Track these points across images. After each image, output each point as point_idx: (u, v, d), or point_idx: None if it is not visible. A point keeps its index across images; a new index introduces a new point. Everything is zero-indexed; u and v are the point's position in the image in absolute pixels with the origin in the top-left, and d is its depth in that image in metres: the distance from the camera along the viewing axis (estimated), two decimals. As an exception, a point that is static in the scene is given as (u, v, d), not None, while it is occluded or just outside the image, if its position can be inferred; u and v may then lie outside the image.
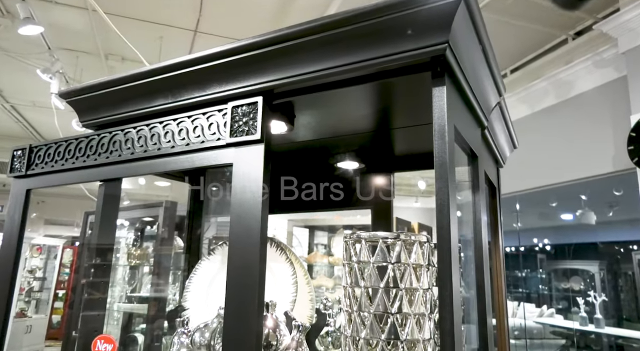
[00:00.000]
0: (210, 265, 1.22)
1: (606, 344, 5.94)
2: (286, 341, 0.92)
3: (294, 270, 1.15)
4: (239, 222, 0.84)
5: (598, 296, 5.95)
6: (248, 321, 0.80)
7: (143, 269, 3.14)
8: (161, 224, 2.71)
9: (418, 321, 0.83)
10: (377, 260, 0.85)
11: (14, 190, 1.19)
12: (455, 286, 0.75)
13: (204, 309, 1.12)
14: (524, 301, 7.08)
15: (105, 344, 0.93)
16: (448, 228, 0.71)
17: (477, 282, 1.02)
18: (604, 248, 6.80)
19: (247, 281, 0.81)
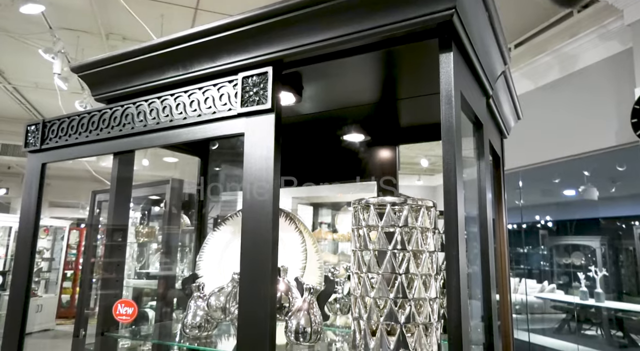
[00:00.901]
0: (222, 235, 1.25)
1: (606, 317, 6.04)
2: (298, 303, 0.96)
3: (303, 238, 1.19)
4: (251, 190, 0.87)
5: (599, 271, 6.02)
6: (262, 285, 0.84)
7: (151, 246, 3.20)
8: (168, 202, 2.75)
9: (425, 281, 0.87)
10: (385, 224, 0.88)
11: (30, 164, 1.22)
12: (462, 247, 0.79)
13: (218, 276, 1.16)
14: (525, 278, 7.17)
15: (126, 308, 0.98)
16: (455, 191, 0.74)
17: (482, 249, 1.06)
18: (605, 224, 6.85)
19: (260, 247, 0.85)
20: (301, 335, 0.93)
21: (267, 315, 0.82)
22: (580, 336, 6.21)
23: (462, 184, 0.78)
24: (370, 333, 0.87)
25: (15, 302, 1.21)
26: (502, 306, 1.34)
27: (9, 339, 1.24)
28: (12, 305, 1.23)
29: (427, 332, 0.86)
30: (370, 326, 0.87)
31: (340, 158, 1.50)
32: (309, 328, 0.93)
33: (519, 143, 3.61)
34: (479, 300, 1.11)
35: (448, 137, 0.75)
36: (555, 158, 3.87)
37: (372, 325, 0.87)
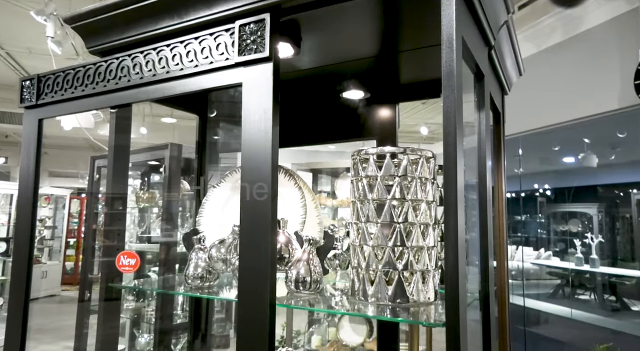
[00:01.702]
0: (222, 192, 1.26)
1: (599, 283, 6.17)
2: (298, 254, 0.98)
3: (302, 194, 1.20)
4: (250, 141, 0.86)
5: (595, 238, 6.10)
6: (263, 236, 0.85)
7: (152, 211, 3.23)
8: (167, 166, 2.75)
9: (423, 230, 0.88)
10: (384, 174, 0.88)
11: (26, 121, 1.21)
12: (460, 194, 0.79)
13: (218, 231, 1.17)
14: (522, 245, 7.27)
15: (128, 259, 0.99)
16: (454, 136, 0.73)
17: (480, 201, 1.06)
18: (603, 191, 6.89)
19: (260, 197, 0.85)
20: (301, 284, 0.95)
21: (267, 264, 0.83)
22: (574, 301, 6.35)
23: (462, 131, 0.77)
24: (369, 281, 0.88)
25: (20, 258, 1.23)
26: (499, 272, 1.36)
27: (15, 303, 1.26)
28: (16, 266, 1.25)
29: (425, 279, 0.87)
30: (369, 274, 0.88)
31: (339, 117, 1.48)
32: (309, 278, 0.95)
33: (519, 108, 3.57)
34: (476, 266, 1.12)
35: (448, 82, 0.74)
36: (556, 123, 3.85)
37: (371, 273, 0.88)
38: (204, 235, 1.06)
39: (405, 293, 0.85)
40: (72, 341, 3.51)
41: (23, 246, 1.21)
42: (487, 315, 1.08)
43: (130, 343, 3.10)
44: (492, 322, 1.13)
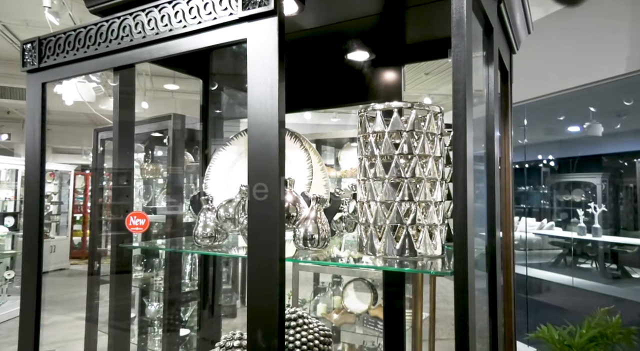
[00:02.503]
0: (228, 154, 1.26)
1: (601, 251, 6.22)
2: (305, 213, 0.98)
3: (308, 156, 1.20)
4: (257, 99, 0.85)
5: (598, 207, 6.12)
6: (271, 194, 0.85)
7: (156, 183, 3.25)
8: (171, 137, 2.75)
9: (430, 185, 0.88)
10: (391, 129, 0.87)
11: (30, 85, 1.20)
12: (469, 145, 0.78)
13: (225, 192, 1.18)
14: (525, 216, 7.31)
15: (138, 219, 1.00)
16: (464, 85, 0.72)
17: (488, 159, 1.06)
18: (608, 161, 6.86)
19: (268, 154, 0.85)
20: (309, 241, 0.96)
21: (276, 219, 0.84)
22: (576, 269, 6.42)
23: (470, 81, 0.76)
24: (377, 236, 0.89)
25: (31, 225, 1.25)
26: (505, 242, 1.37)
27: (28, 277, 1.28)
28: (28, 234, 1.27)
29: (432, 234, 0.88)
30: (377, 230, 0.89)
31: (344, 80, 1.46)
32: (317, 235, 0.96)
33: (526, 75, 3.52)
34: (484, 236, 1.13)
35: (458, 31, 0.72)
36: (563, 90, 3.79)
37: (379, 228, 0.89)
38: (211, 195, 1.06)
39: (412, 248, 0.85)
40: (84, 312, 3.60)
41: (34, 210, 1.23)
42: (493, 284, 1.11)
43: (140, 311, 3.18)
44: (498, 291, 1.15)
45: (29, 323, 1.26)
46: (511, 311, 1.34)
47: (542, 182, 7.67)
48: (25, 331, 1.26)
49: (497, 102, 1.14)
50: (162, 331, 3.00)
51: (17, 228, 5.45)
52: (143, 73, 7.02)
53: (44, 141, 1.23)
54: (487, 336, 1.16)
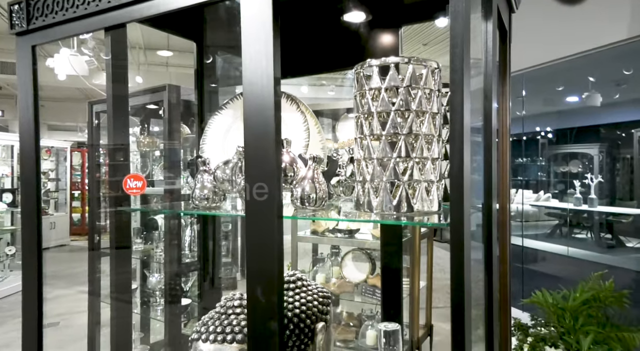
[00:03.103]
0: (224, 118, 1.25)
1: (597, 222, 6.29)
2: (302, 173, 0.98)
3: (305, 118, 1.19)
4: (251, 56, 0.84)
5: (594, 178, 6.15)
6: (268, 154, 0.85)
7: (153, 155, 3.23)
8: (166, 109, 2.72)
9: (427, 141, 0.88)
10: (388, 85, 0.86)
11: (19, 48, 1.18)
12: (467, 103, 0.77)
13: (222, 155, 1.17)
14: (522, 188, 7.34)
15: (135, 182, 1.00)
16: (462, 37, 0.71)
17: (485, 119, 1.05)
18: (605, 132, 6.86)
19: (263, 113, 0.84)
20: (307, 201, 0.96)
21: (273, 177, 0.84)
22: (571, 239, 6.50)
23: (468, 35, 0.74)
24: (374, 193, 0.89)
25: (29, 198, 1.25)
26: (502, 213, 1.38)
27: (29, 252, 1.29)
28: (26, 209, 1.27)
29: (429, 191, 0.88)
30: (374, 187, 0.89)
31: (340, 43, 1.44)
32: (314, 195, 0.96)
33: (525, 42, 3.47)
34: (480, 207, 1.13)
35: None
36: (562, 58, 3.75)
37: (376, 185, 0.89)
38: (208, 157, 1.06)
39: (409, 204, 0.86)
40: (86, 286, 3.64)
41: (31, 184, 1.23)
42: (489, 254, 1.12)
43: (141, 282, 3.22)
44: (494, 261, 1.17)
45: (32, 296, 1.27)
46: (507, 281, 1.37)
47: (540, 154, 7.68)
48: (29, 304, 1.28)
49: (496, 61, 1.13)
50: (163, 301, 3.05)
51: (15, 205, 5.46)
52: (136, 46, 6.90)
53: (37, 106, 1.21)
54: (483, 303, 1.18)
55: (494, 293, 1.18)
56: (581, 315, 2.43)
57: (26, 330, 1.26)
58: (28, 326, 1.26)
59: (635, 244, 5.68)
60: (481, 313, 1.20)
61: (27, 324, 1.26)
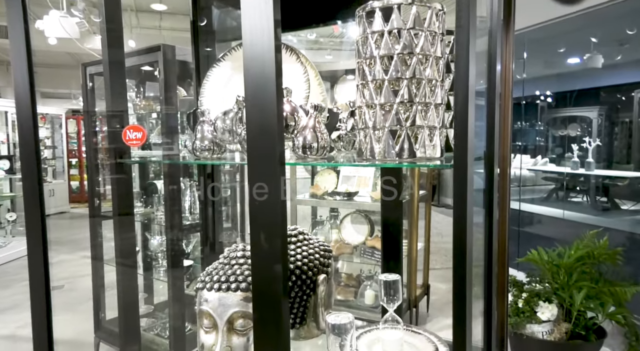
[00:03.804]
0: (222, 70, 1.23)
1: (593, 185, 6.34)
2: (303, 122, 0.97)
3: (305, 69, 1.17)
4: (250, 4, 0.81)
5: (593, 142, 6.15)
6: (269, 100, 0.83)
7: (150, 118, 3.20)
8: (162, 70, 2.67)
9: (431, 86, 0.87)
10: (391, 27, 0.84)
11: (9, 5, 1.14)
12: (472, 53, 0.76)
13: (221, 108, 1.16)
14: (520, 153, 7.35)
15: (135, 133, 0.99)
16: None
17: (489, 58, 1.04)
18: (606, 95, 6.80)
19: (263, 59, 0.82)
20: (308, 150, 0.96)
21: (274, 125, 0.83)
22: (567, 203, 6.57)
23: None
24: (376, 140, 0.89)
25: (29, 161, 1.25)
26: (502, 179, 1.38)
27: (31, 219, 1.29)
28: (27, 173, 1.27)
29: (432, 137, 0.88)
30: (376, 133, 0.89)
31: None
32: (316, 144, 0.96)
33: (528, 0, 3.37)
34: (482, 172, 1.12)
35: None
36: (565, 14, 3.66)
37: (378, 132, 0.88)
38: (208, 108, 1.05)
39: (412, 149, 0.86)
40: (89, 251, 3.69)
41: (30, 146, 1.22)
42: (490, 218, 1.13)
43: (143, 245, 3.27)
44: (494, 225, 1.18)
45: (37, 260, 1.28)
46: (505, 242, 1.39)
47: (539, 119, 7.65)
48: (35, 269, 1.29)
49: (500, 19, 1.10)
50: (166, 262, 3.10)
51: (13, 172, 5.45)
52: (128, 9, 6.70)
53: (31, 60, 1.19)
54: (482, 260, 1.21)
55: (493, 252, 1.20)
56: (575, 272, 2.48)
57: (34, 293, 1.29)
58: (36, 289, 1.28)
59: (630, 207, 5.75)
60: (481, 271, 1.23)
61: (34, 287, 1.28)
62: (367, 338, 1.35)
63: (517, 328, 2.47)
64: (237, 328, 1.07)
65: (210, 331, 1.08)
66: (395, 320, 1.29)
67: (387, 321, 1.30)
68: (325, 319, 1.07)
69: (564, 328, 2.41)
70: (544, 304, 2.42)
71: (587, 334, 2.39)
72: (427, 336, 1.34)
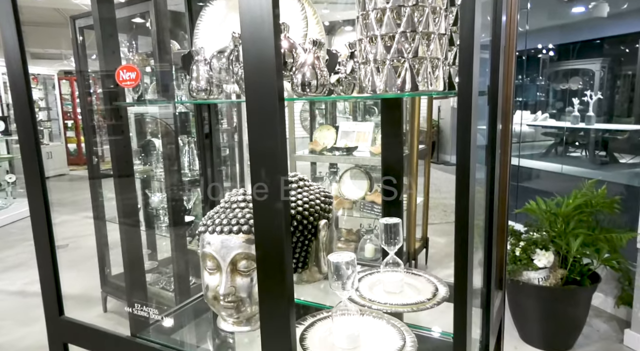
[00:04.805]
0: (216, 9, 1.18)
1: (593, 139, 6.32)
2: (302, 58, 0.94)
3: (302, 6, 1.12)
4: None
5: (594, 95, 6.08)
6: (266, 40, 0.80)
7: (145, 72, 3.13)
8: (154, 21, 2.58)
9: (435, 16, 0.83)
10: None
11: None
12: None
13: (217, 47, 1.12)
14: (520, 109, 7.27)
15: (128, 73, 0.96)
16: None
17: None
18: (609, 47, 6.65)
19: None
20: (307, 87, 0.93)
21: (272, 63, 0.80)
22: (566, 158, 6.58)
23: None
24: (377, 74, 0.86)
25: (25, 122, 1.22)
26: (504, 135, 1.35)
27: (31, 181, 1.28)
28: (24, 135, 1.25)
29: (434, 69, 0.85)
30: (377, 66, 0.86)
31: None
32: (315, 81, 0.93)
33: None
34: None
35: None
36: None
37: (379, 65, 0.86)
38: (202, 46, 1.01)
39: (414, 82, 0.83)
40: (90, 212, 3.71)
41: (24, 108, 1.20)
42: (491, 173, 1.12)
43: (144, 202, 3.28)
44: (495, 180, 1.17)
45: (41, 220, 1.28)
46: (505, 197, 1.39)
47: (540, 73, 7.52)
48: (39, 228, 1.29)
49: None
50: (167, 219, 3.13)
51: (8, 133, 5.40)
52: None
53: (17, 10, 1.14)
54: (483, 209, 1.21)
55: (495, 202, 1.20)
56: (573, 220, 2.51)
57: (39, 252, 1.29)
58: (41, 248, 1.29)
59: (629, 160, 5.75)
60: (482, 223, 1.23)
61: (39, 246, 1.29)
62: (369, 280, 1.38)
63: (513, 275, 2.53)
64: (241, 270, 1.08)
65: (214, 273, 1.10)
66: (396, 262, 1.31)
67: (388, 264, 1.32)
68: (327, 259, 1.09)
69: (560, 274, 2.46)
70: (541, 252, 2.46)
71: (581, 279, 2.45)
72: (427, 277, 1.36)
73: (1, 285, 3.66)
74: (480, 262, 1.27)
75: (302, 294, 1.37)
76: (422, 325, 1.24)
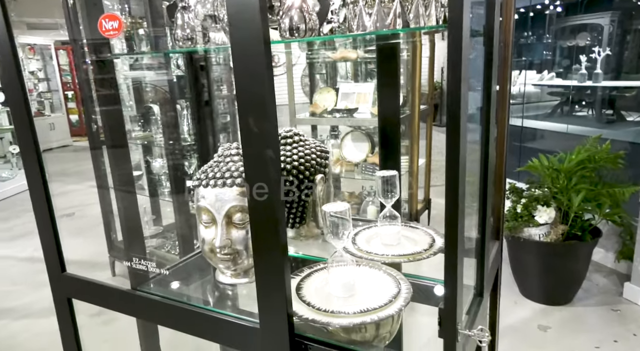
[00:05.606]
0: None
1: (599, 98, 6.20)
2: (289, 1, 0.91)
3: (290, -51, 1.06)
4: None
5: (602, 51, 5.91)
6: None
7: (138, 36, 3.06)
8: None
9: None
10: None
11: None
12: None
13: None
14: (526, 70, 7.10)
15: (110, 22, 0.93)
16: None
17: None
18: (619, 0, 6.41)
19: None
20: (296, 31, 0.90)
21: (256, 10, 0.76)
22: (571, 117, 6.47)
23: None
24: (367, 13, 0.83)
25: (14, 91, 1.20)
26: (502, 96, 1.30)
27: (27, 153, 1.26)
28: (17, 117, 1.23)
29: (426, 5, 0.82)
30: (366, 7, 0.82)
31: None
32: (303, 25, 0.90)
33: None
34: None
35: None
36: None
37: (370, 3, 0.82)
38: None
39: (405, 20, 0.80)
40: (95, 181, 3.73)
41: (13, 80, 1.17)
42: (486, 134, 1.08)
43: (146, 169, 3.29)
44: (490, 140, 1.13)
45: (39, 192, 1.28)
46: (503, 155, 1.36)
47: (547, 31, 7.29)
48: (38, 201, 1.29)
49: None
50: (169, 184, 3.14)
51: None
52: None
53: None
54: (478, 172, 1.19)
55: (490, 164, 1.18)
56: (575, 176, 2.49)
57: (40, 222, 1.30)
58: (41, 217, 1.30)
59: (636, 118, 5.66)
60: (477, 183, 1.21)
61: (36, 198, 1.29)
62: (366, 233, 1.39)
63: (514, 231, 2.54)
64: (236, 222, 1.08)
65: (210, 226, 1.11)
66: (393, 215, 1.31)
67: (385, 218, 1.32)
68: (321, 209, 1.09)
69: (561, 229, 2.47)
70: (542, 208, 2.46)
71: (582, 235, 2.45)
72: (424, 230, 1.37)
73: (12, 252, 3.74)
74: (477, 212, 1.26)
75: (300, 249, 1.38)
76: (418, 275, 1.25)
